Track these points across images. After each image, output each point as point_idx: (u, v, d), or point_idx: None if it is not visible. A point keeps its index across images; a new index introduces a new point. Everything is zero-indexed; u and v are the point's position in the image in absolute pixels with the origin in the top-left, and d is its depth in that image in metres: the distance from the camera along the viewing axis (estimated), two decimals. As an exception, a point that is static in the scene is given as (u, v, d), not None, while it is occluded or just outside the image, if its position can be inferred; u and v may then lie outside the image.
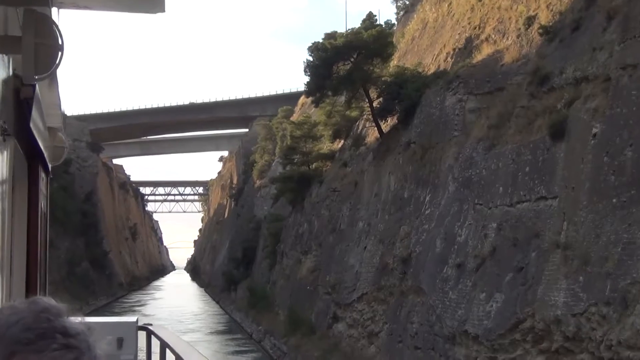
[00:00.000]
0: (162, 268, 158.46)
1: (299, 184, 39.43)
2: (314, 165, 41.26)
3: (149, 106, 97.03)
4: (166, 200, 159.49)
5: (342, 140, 38.28)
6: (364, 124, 33.56)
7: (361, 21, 35.78)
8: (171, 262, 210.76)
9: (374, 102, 28.96)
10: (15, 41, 4.08)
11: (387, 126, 28.50)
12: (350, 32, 32.90)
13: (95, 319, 8.65)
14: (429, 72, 27.64)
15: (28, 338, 1.22)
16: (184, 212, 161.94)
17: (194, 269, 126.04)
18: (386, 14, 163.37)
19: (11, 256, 4.46)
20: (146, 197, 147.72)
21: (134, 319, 9.38)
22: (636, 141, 11.85)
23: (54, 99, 6.26)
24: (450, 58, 27.08)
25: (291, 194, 41.03)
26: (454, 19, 29.46)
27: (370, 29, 31.27)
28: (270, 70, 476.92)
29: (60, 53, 4.08)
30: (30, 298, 1.33)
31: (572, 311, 12.21)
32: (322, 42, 31.19)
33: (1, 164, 4.05)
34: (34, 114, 4.56)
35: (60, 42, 4.08)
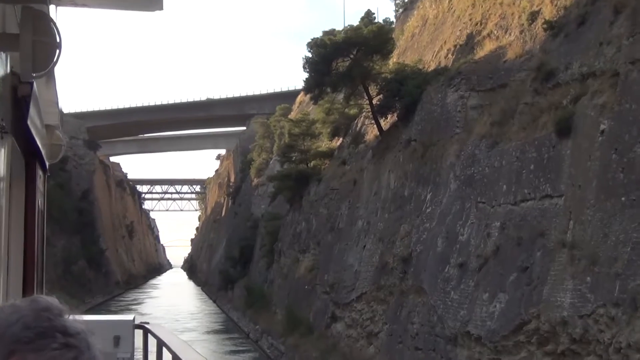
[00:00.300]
0: (159, 266, 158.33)
1: (297, 182, 39.06)
2: (312, 163, 40.88)
3: (146, 104, 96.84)
4: (163, 199, 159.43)
5: (341, 138, 37.92)
6: (363, 122, 33.21)
7: (359, 19, 35.47)
8: (168, 261, 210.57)
9: (374, 99, 28.62)
10: (12, 38, 4.13)
11: (386, 123, 28.17)
12: (350, 29, 32.55)
13: (92, 317, 8.86)
14: (429, 69, 27.31)
15: (28, 337, 1.21)
16: (181, 210, 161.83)
17: (191, 267, 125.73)
18: (384, 12, 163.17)
19: (8, 254, 4.55)
20: (143, 195, 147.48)
21: (131, 317, 9.37)
22: (646, 138, 11.55)
23: (52, 96, 6.31)
24: (451, 55, 26.77)
25: (289, 192, 40.68)
26: (455, 15, 29.11)
27: (369, 26, 30.96)
28: (268, 69, 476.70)
29: (58, 51, 4.10)
30: (31, 296, 1.31)
31: (579, 312, 11.91)
32: (321, 38, 30.86)
33: None
34: (32, 112, 4.64)
35: (58, 39, 4.10)
